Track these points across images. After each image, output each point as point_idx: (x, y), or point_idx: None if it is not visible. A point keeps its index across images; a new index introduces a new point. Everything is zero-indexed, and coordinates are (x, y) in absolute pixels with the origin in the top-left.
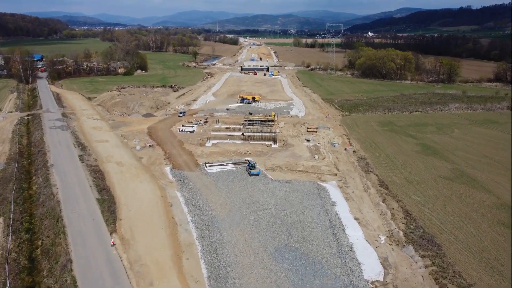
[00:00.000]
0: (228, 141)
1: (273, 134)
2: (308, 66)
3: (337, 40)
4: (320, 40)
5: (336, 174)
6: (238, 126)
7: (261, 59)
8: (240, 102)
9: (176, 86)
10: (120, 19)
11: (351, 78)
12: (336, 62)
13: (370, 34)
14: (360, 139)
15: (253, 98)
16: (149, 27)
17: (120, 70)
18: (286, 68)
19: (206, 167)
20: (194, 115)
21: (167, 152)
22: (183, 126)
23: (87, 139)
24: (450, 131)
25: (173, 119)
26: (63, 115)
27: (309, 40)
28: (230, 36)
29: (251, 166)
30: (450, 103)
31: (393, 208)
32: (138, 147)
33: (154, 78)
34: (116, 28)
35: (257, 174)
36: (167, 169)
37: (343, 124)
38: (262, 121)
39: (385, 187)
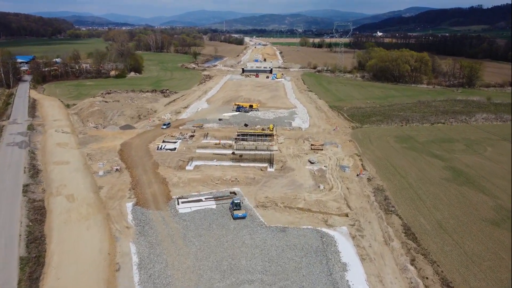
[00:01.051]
0: (214, 162)
1: (270, 153)
2: (314, 68)
3: (345, 40)
4: (327, 40)
5: (347, 215)
6: (230, 142)
7: (265, 60)
8: (236, 111)
9: (167, 91)
10: (128, 19)
11: (361, 81)
12: (344, 64)
13: (379, 33)
14: (375, 160)
15: (251, 106)
16: (156, 27)
17: (112, 73)
18: (291, 69)
19: (178, 203)
20: (180, 127)
21: (136, 179)
22: (164, 142)
23: (45, 160)
24: (482, 149)
25: (155, 132)
26: (29, 127)
27: (317, 40)
28: (235, 36)
29: (235, 206)
30: (476, 112)
31: (426, 277)
32: (101, 172)
33: (147, 81)
34: (123, 28)
35: (243, 217)
36: (129, 205)
37: (354, 139)
38: (258, 135)
39: (412, 237)
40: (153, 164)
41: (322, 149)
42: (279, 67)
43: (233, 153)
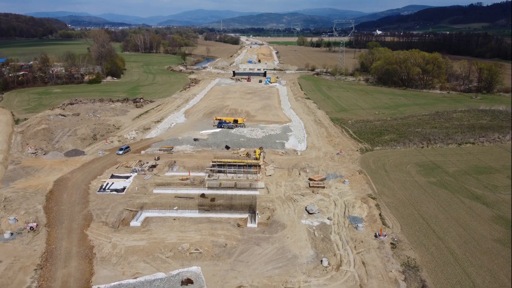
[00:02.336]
0: (174, 213)
1: (254, 193)
2: (312, 70)
3: (344, 38)
4: (326, 39)
5: None
6: (202, 174)
7: (259, 61)
8: (217, 127)
9: (141, 100)
10: (126, 19)
11: (365, 85)
12: (345, 65)
13: (379, 32)
14: (398, 206)
15: (235, 121)
16: (152, 26)
17: (86, 78)
18: (287, 72)
19: None
20: (142, 152)
21: (52, 247)
22: (112, 177)
23: None
24: None
25: (107, 160)
26: None
27: (315, 39)
28: (231, 35)
29: None
30: (507, 127)
31: None
32: (7, 234)
33: (123, 87)
34: (120, 28)
35: None
36: None
37: (364, 168)
38: (240, 166)
39: None
40: (85, 218)
41: (323, 186)
42: (274, 69)
43: (202, 195)
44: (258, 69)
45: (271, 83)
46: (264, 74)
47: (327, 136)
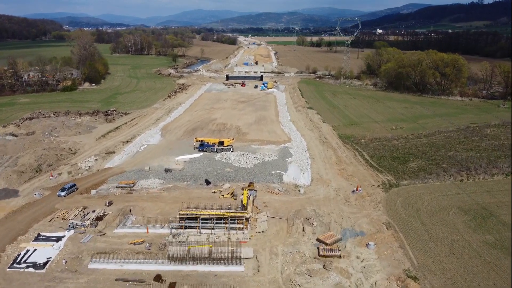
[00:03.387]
0: None
1: (238, 270)
2: (314, 72)
3: (346, 38)
4: (326, 38)
5: None
6: (165, 232)
7: (256, 62)
8: (199, 150)
9: (114, 112)
10: (125, 20)
11: (373, 90)
12: (350, 67)
13: (379, 31)
14: None
15: (221, 143)
16: (151, 26)
17: (61, 84)
18: (286, 75)
19: None
20: (93, 192)
21: None
22: (38, 237)
23: None
24: None
25: (42, 206)
26: None
27: (315, 39)
28: (229, 35)
29: None
30: None
31: None
32: None
33: (100, 94)
34: (118, 28)
35: None
36: None
37: (393, 219)
38: (219, 219)
39: None
40: None
41: (340, 256)
42: (272, 72)
43: (157, 278)
44: (254, 72)
45: (268, 88)
46: (261, 78)
47: (336, 162)
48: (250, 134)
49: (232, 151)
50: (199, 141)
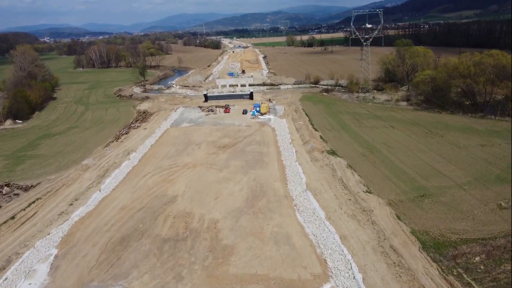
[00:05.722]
0: None
1: None
2: (317, 82)
3: (340, 35)
4: (317, 37)
5: None
6: None
7: (243, 71)
8: None
9: (3, 190)
10: (108, 28)
11: (410, 110)
12: (365, 75)
13: (369, 25)
14: None
15: None
16: (134, 33)
17: None
18: (282, 87)
19: None
20: None
21: None
22: None
23: None
24: None
25: None
26: None
27: (305, 37)
28: (213, 38)
29: None
30: None
31: None
32: None
33: (16, 140)
34: (100, 37)
35: None
36: None
37: None
38: None
39: None
40: None
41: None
42: (263, 84)
43: None
44: (242, 85)
45: (261, 114)
46: (251, 96)
47: None
48: (238, 249)
49: None
50: None
